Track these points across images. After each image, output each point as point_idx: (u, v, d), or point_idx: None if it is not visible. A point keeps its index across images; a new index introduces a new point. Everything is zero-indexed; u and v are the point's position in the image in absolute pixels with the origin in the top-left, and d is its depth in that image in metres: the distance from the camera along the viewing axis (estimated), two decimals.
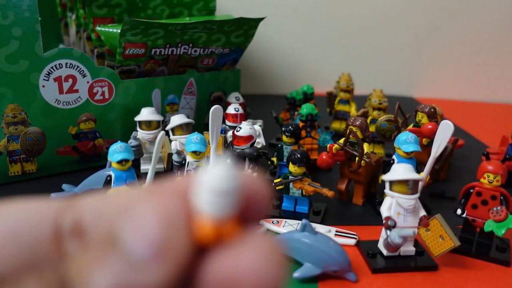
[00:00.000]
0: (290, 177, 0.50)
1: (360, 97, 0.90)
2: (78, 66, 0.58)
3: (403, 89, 1.14)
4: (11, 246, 0.14)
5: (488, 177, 0.44)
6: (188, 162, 0.50)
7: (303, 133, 0.62)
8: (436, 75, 1.14)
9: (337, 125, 0.80)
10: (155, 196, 0.13)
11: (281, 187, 0.50)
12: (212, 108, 0.48)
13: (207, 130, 0.49)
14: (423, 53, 1.13)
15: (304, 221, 0.41)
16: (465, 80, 1.13)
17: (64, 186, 0.54)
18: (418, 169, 0.50)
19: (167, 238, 0.12)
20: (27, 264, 0.14)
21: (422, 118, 0.57)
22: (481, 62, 1.12)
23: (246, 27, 0.69)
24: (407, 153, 0.49)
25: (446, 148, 0.50)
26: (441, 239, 0.42)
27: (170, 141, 0.59)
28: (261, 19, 0.68)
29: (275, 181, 0.51)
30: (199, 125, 0.71)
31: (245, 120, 0.61)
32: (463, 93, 1.13)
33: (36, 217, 0.14)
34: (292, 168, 0.50)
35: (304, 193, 0.50)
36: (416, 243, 0.43)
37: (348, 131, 0.53)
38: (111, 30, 0.65)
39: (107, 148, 0.49)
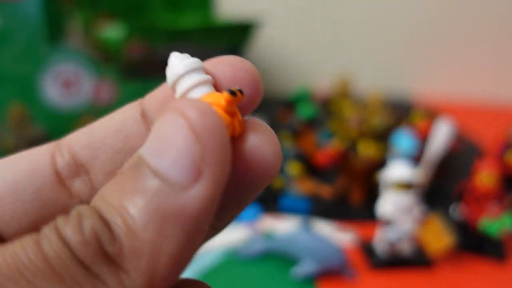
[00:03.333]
0: None
1: (360, 97, 0.91)
2: (82, 67, 0.59)
3: (403, 87, 1.15)
4: (15, 200, 0.13)
5: (483, 176, 0.45)
6: None
7: (303, 134, 0.63)
8: (436, 72, 1.15)
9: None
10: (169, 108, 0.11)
11: None
12: None
13: None
14: (424, 50, 1.13)
15: (303, 218, 0.42)
16: (467, 77, 1.14)
17: None
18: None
19: (206, 152, 0.11)
20: (37, 216, 0.13)
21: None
22: (484, 59, 1.13)
23: (245, 30, 0.70)
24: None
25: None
26: (438, 236, 0.43)
27: None
28: (260, 25, 0.69)
29: None
30: None
31: None
32: (464, 89, 1.14)
33: (34, 164, 0.14)
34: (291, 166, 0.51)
35: (303, 190, 0.51)
36: (414, 241, 0.44)
37: None
38: (114, 32, 0.66)
39: None
